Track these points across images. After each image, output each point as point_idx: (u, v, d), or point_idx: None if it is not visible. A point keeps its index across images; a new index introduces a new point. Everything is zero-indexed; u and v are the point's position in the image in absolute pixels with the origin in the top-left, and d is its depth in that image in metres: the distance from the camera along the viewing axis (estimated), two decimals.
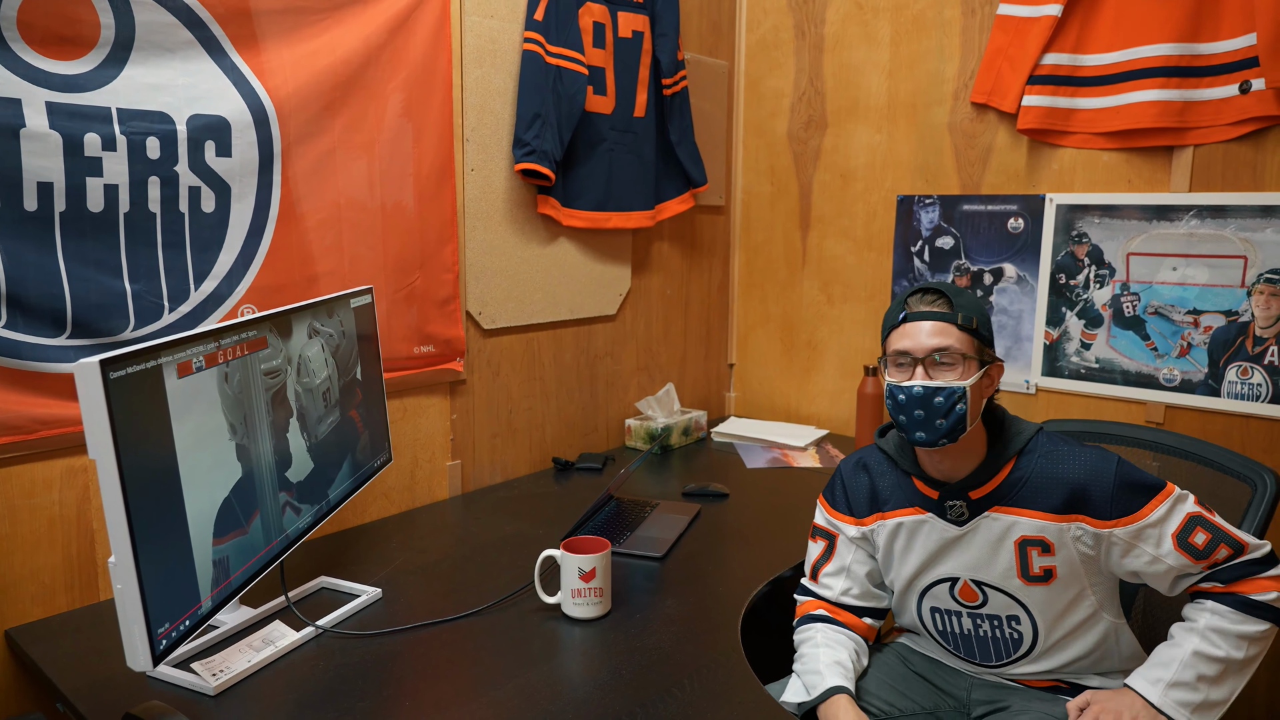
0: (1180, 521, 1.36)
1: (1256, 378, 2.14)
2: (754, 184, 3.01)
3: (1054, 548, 1.40)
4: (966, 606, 1.49)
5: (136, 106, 1.54)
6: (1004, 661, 1.51)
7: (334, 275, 1.89)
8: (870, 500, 1.55)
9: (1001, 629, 1.48)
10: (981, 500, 1.44)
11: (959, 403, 1.37)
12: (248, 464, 1.35)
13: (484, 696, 1.32)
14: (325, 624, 1.50)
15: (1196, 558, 1.35)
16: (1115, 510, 1.36)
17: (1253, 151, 2.11)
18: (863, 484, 1.56)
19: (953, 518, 1.46)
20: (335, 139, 1.86)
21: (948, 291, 1.42)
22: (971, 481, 1.44)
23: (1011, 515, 1.42)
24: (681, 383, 2.94)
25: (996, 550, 1.44)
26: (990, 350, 1.43)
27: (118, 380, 1.06)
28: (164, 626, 1.13)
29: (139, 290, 1.59)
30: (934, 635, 1.56)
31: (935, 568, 1.50)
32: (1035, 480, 1.41)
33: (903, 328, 1.42)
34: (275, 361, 1.45)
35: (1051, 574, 1.41)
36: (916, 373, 1.39)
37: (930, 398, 1.37)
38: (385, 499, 2.09)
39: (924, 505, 1.48)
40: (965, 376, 1.38)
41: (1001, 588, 1.45)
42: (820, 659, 1.47)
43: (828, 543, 1.61)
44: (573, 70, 2.28)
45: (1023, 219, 2.44)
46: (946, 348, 1.38)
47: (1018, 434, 1.45)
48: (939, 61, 2.55)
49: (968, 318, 1.40)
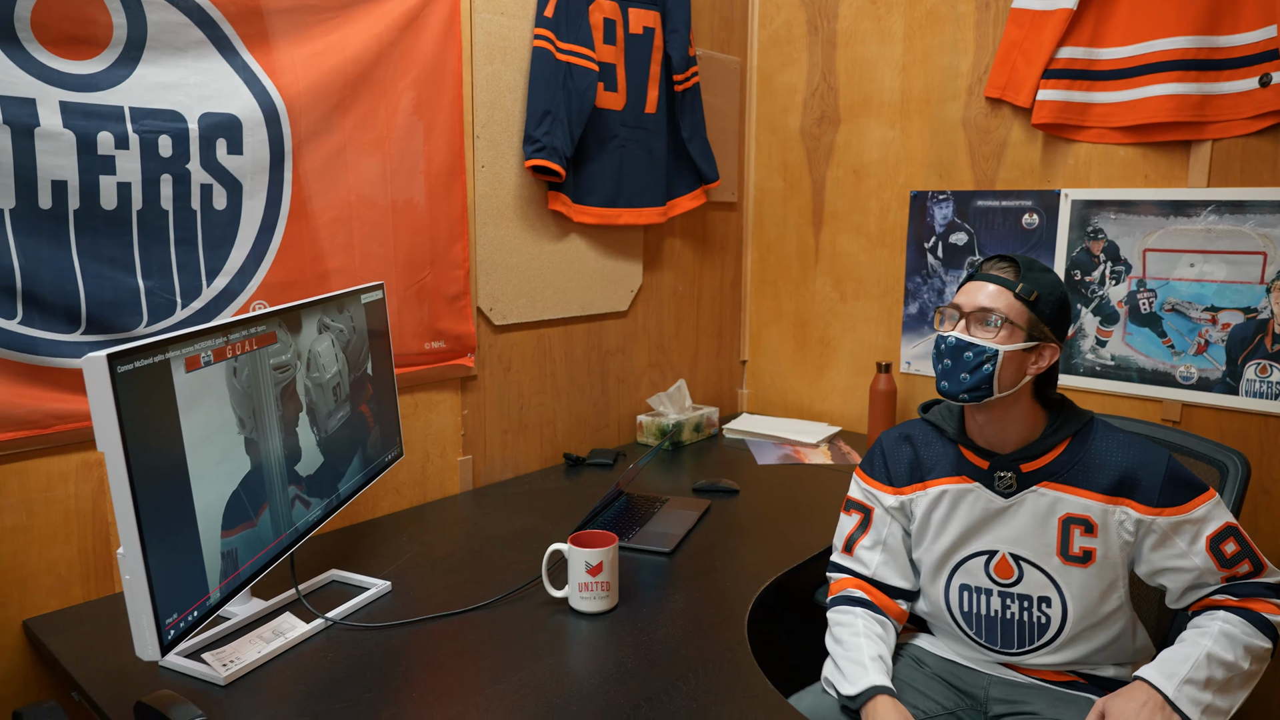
0: (1218, 526, 1.39)
1: (1276, 376, 2.11)
2: (766, 180, 3.00)
3: (1097, 529, 1.42)
4: (999, 584, 1.49)
5: (149, 105, 1.56)
6: (1025, 649, 1.50)
7: (345, 272, 1.90)
8: (912, 470, 1.56)
9: (1030, 612, 1.48)
10: (1032, 474, 1.46)
11: (987, 363, 1.40)
12: (256, 458, 1.37)
13: (490, 689, 1.33)
14: (335, 616, 1.52)
15: (1222, 565, 1.38)
16: (1163, 499, 1.39)
17: (1272, 146, 2.08)
18: (905, 454, 1.58)
19: (1000, 489, 1.47)
20: (346, 136, 1.87)
21: (1022, 263, 1.45)
22: (1025, 454, 1.46)
23: (1059, 492, 1.44)
24: (693, 379, 2.93)
25: (1041, 526, 1.45)
26: (1048, 329, 1.44)
27: (125, 374, 1.07)
28: (172, 617, 1.15)
29: (152, 287, 1.61)
30: (957, 618, 1.55)
31: (974, 540, 1.50)
32: (1088, 461, 1.43)
33: (966, 285, 1.48)
34: (285, 356, 1.47)
35: (1091, 556, 1.43)
36: (959, 325, 1.44)
37: (961, 350, 1.42)
38: (396, 493, 2.10)
39: (971, 474, 1.50)
40: (1005, 342, 1.41)
41: (1040, 565, 1.46)
42: (864, 651, 1.46)
43: (863, 515, 1.60)
44: (583, 67, 2.28)
45: (1037, 215, 2.42)
46: (993, 309, 1.42)
47: (1076, 416, 1.48)
48: (953, 56, 2.53)
49: (1028, 290, 1.42)
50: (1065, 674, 1.50)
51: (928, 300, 2.65)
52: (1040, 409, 1.48)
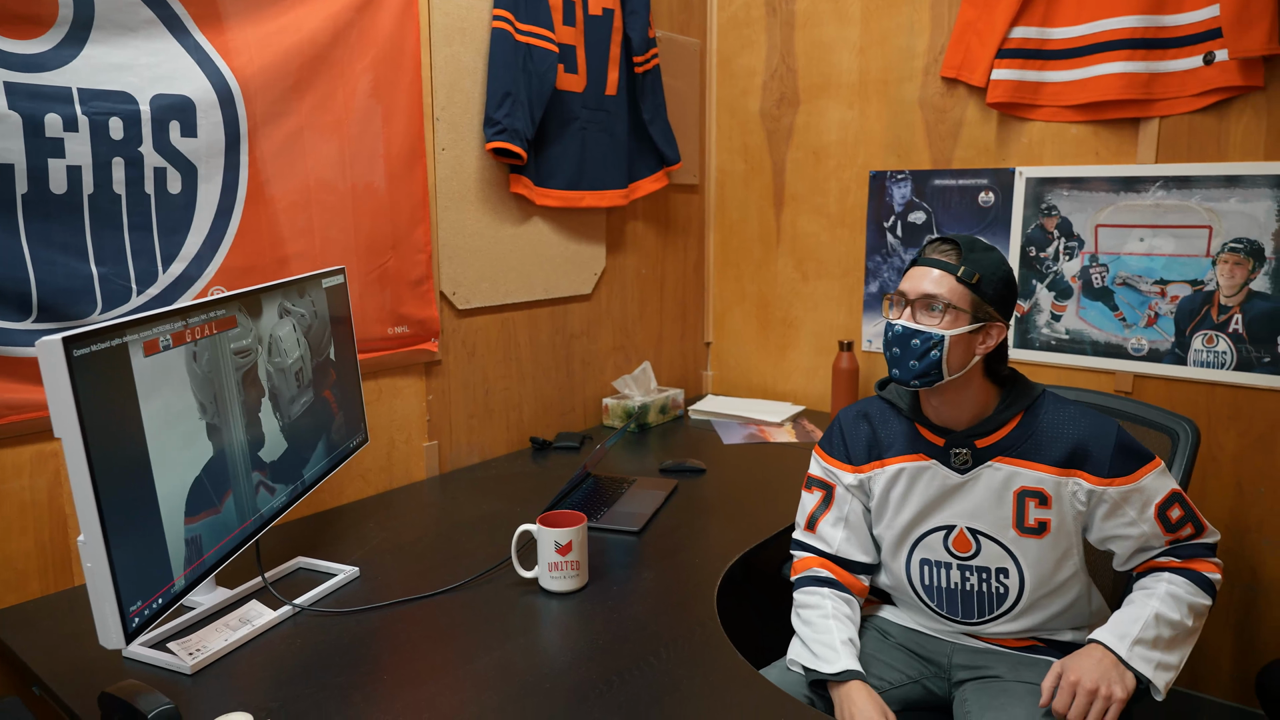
0: (1165, 494, 1.44)
1: (1221, 345, 2.18)
2: (727, 162, 3.01)
3: (1051, 501, 1.45)
4: (957, 558, 1.53)
5: (98, 86, 1.52)
6: (985, 618, 1.54)
7: (305, 257, 1.88)
8: (869, 448, 1.59)
9: (989, 582, 1.52)
10: (986, 450, 1.48)
11: (934, 349, 1.42)
12: (219, 443, 1.35)
13: (462, 669, 1.33)
14: (302, 602, 1.51)
15: (1167, 530, 1.43)
16: (1113, 470, 1.43)
17: (1217, 122, 2.13)
18: (863, 432, 1.60)
19: (956, 465, 1.50)
20: (303, 119, 1.84)
21: (963, 245, 1.46)
22: (978, 431, 1.49)
23: (1013, 466, 1.47)
24: (658, 362, 2.95)
25: (996, 499, 1.48)
26: (992, 309, 1.45)
27: (82, 358, 1.05)
28: (136, 604, 1.13)
29: (105, 273, 1.57)
30: (918, 591, 1.58)
31: (933, 515, 1.53)
32: (1040, 434, 1.46)
33: (910, 270, 1.49)
34: (245, 341, 1.44)
35: (1045, 527, 1.46)
36: (905, 313, 1.46)
37: (908, 339, 1.44)
38: (362, 480, 2.09)
39: (928, 452, 1.52)
40: (950, 326, 1.42)
41: (996, 538, 1.49)
42: (834, 634, 1.47)
43: (825, 493, 1.63)
44: (543, 48, 2.27)
45: (993, 193, 2.47)
46: (935, 295, 1.43)
47: (1027, 391, 1.51)
48: (909, 37, 2.56)
49: (970, 273, 1.43)
50: (1025, 640, 1.54)
51: (888, 279, 2.69)
52: (992, 385, 1.50)
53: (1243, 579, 2.22)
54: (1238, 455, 2.19)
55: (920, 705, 1.57)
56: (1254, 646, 2.23)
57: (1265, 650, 2.21)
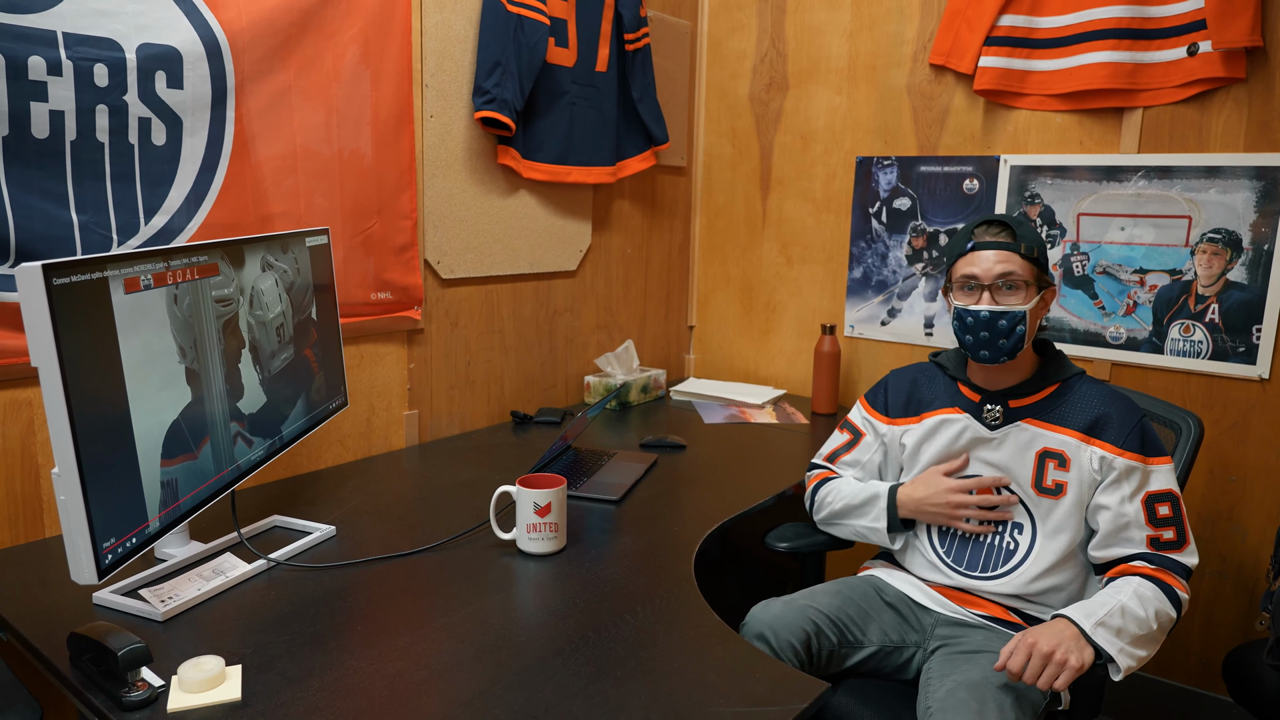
0: (1162, 488, 1.49)
1: (1198, 335, 2.21)
2: (715, 146, 3.02)
3: (1070, 464, 1.52)
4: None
5: (83, 32, 1.51)
6: (991, 574, 1.58)
7: (289, 216, 1.87)
8: (908, 404, 1.70)
9: (1001, 536, 1.59)
10: (1018, 410, 1.58)
11: (1019, 324, 1.51)
12: (198, 389, 1.34)
13: (437, 622, 1.33)
14: (278, 557, 1.50)
15: (1150, 522, 1.47)
16: (1129, 444, 1.50)
17: (1198, 113, 2.16)
18: (904, 389, 1.72)
19: (988, 420, 1.59)
20: (290, 78, 1.83)
21: (1011, 223, 1.56)
22: (1014, 392, 1.58)
23: (1040, 428, 1.56)
24: (641, 343, 2.95)
25: (1020, 458, 1.56)
26: (1047, 276, 1.56)
27: (61, 288, 1.04)
28: (109, 541, 1.12)
29: (86, 221, 1.55)
30: (933, 538, 1.65)
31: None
32: (1071, 403, 1.55)
33: (970, 255, 1.55)
34: (227, 290, 1.43)
35: (1062, 489, 1.53)
36: (983, 297, 1.53)
37: (995, 320, 1.51)
38: (341, 445, 2.08)
39: (964, 406, 1.63)
40: (1027, 301, 1.52)
41: (1017, 493, 1.57)
42: (862, 489, 1.70)
43: (853, 437, 1.79)
44: (534, 20, 2.26)
45: (978, 180, 2.49)
46: (1011, 273, 1.52)
47: (1065, 365, 1.60)
48: (899, 23, 2.57)
49: (1030, 247, 1.53)
50: (1012, 614, 1.56)
51: (871, 264, 2.70)
52: (1033, 353, 1.61)
53: (1212, 565, 2.25)
54: (1210, 443, 2.22)
55: (891, 673, 1.58)
56: (1221, 632, 2.26)
57: (1232, 636, 2.24)
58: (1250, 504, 2.20)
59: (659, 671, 1.20)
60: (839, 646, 1.54)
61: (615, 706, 1.11)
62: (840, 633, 1.54)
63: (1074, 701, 1.45)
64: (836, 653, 1.53)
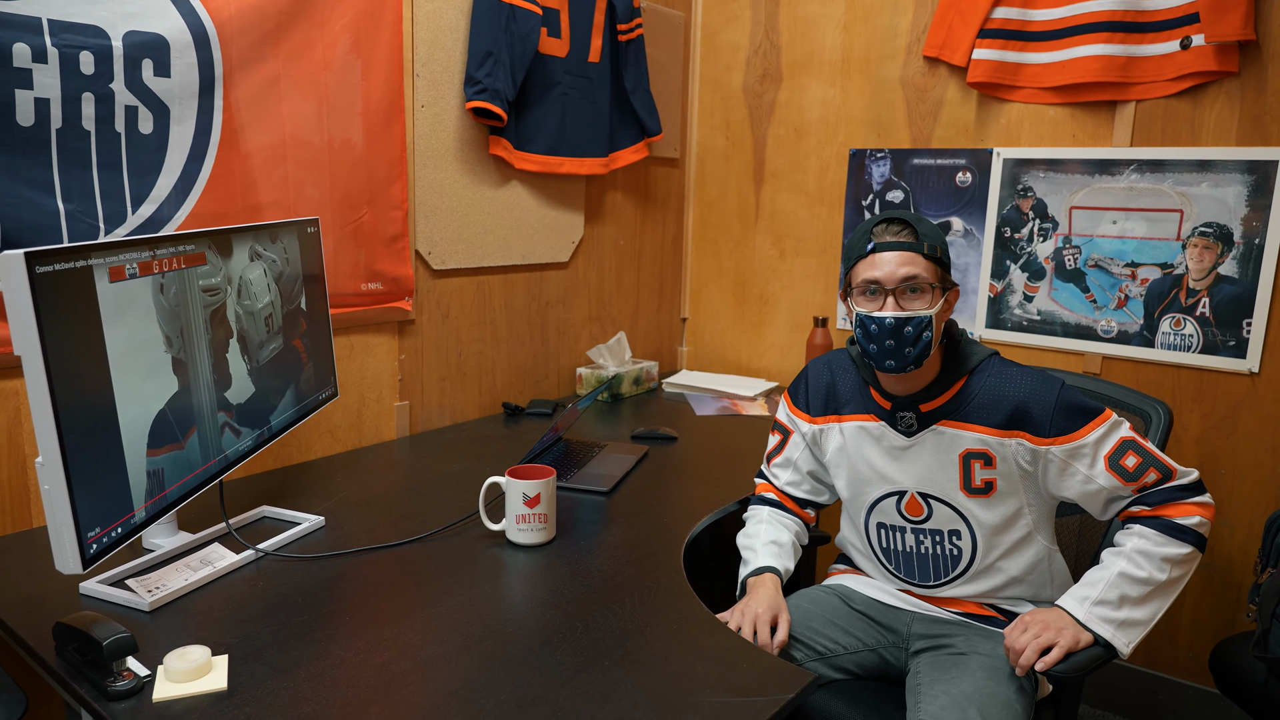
0: (1114, 444, 1.42)
1: (1189, 329, 2.21)
2: (709, 138, 3.01)
3: (995, 460, 1.46)
4: (911, 522, 1.55)
5: (69, 19, 1.49)
6: (941, 581, 1.55)
7: (278, 206, 1.86)
8: (826, 400, 1.63)
9: (942, 545, 1.54)
10: (930, 414, 1.50)
11: (926, 330, 1.42)
12: (184, 379, 1.33)
13: (425, 612, 1.32)
14: (266, 547, 1.49)
15: (1127, 480, 1.42)
16: (1054, 429, 1.42)
17: (1191, 107, 2.16)
18: (823, 383, 1.64)
19: (902, 428, 1.52)
20: (279, 67, 1.82)
21: (911, 220, 1.46)
22: (923, 396, 1.50)
23: (957, 429, 1.48)
24: (634, 335, 2.94)
25: (942, 463, 1.50)
26: (949, 276, 1.48)
27: (44, 275, 1.03)
28: (94, 530, 1.12)
29: (73, 210, 1.54)
30: (878, 554, 1.61)
31: (884, 480, 1.55)
32: (982, 398, 1.47)
33: (871, 258, 1.45)
34: (214, 280, 1.43)
35: (992, 486, 1.48)
36: (887, 302, 1.43)
37: (901, 327, 1.41)
38: (331, 436, 2.07)
39: (877, 414, 1.56)
40: (932, 304, 1.43)
41: (946, 500, 1.51)
42: (759, 537, 1.61)
43: (782, 436, 1.73)
44: (526, 9, 2.25)
45: (971, 173, 2.48)
46: (915, 276, 1.42)
47: (970, 355, 1.51)
48: (892, 15, 2.57)
49: (933, 246, 1.44)
50: (984, 608, 1.55)
51: None
52: (938, 348, 1.50)
53: (1200, 559, 2.25)
54: (1200, 437, 2.23)
55: (875, 674, 1.58)
56: (1209, 625, 2.27)
57: (1220, 628, 2.25)
58: (1238, 497, 2.20)
59: (646, 662, 1.20)
60: (808, 660, 1.53)
61: (602, 696, 1.11)
62: (806, 649, 1.53)
63: (1056, 689, 1.46)
64: (813, 666, 1.53)
